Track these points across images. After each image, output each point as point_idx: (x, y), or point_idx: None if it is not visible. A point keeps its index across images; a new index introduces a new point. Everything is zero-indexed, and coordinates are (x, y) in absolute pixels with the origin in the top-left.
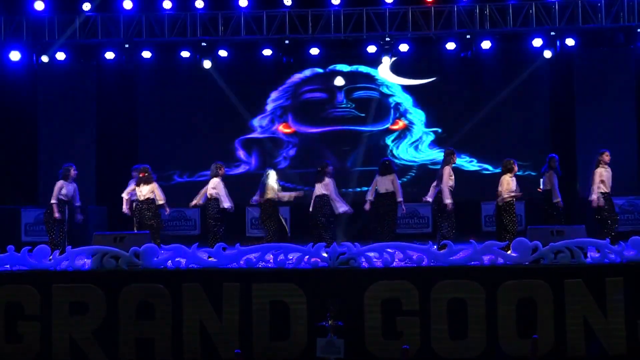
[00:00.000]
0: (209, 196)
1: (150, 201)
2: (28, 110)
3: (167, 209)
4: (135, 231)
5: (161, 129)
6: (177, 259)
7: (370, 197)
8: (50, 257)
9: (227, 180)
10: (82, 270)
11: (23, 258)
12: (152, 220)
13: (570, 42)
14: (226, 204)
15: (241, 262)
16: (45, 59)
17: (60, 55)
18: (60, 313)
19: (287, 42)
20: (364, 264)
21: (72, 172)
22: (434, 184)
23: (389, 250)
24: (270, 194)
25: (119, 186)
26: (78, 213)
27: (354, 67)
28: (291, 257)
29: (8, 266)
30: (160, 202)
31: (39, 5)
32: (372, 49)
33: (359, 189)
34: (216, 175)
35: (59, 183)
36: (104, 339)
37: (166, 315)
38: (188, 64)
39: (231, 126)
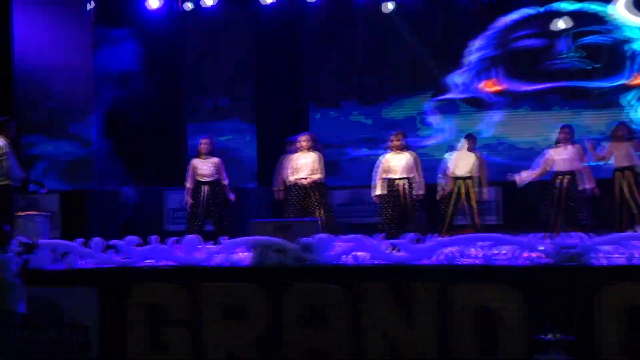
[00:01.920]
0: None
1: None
2: (172, 68)
3: None
4: (304, 218)
5: (331, 92)
6: (356, 253)
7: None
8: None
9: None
10: (239, 267)
11: (169, 251)
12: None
13: None
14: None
15: (438, 256)
16: (189, 5)
17: (208, 0)
18: (213, 318)
19: None
20: (599, 259)
21: (203, 146)
22: None
23: (635, 242)
24: None
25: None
26: (229, 192)
27: (580, 5)
28: (502, 252)
29: (151, 261)
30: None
31: None
32: None
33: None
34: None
35: (192, 162)
36: (265, 350)
37: (342, 323)
38: (363, 7)
39: (419, 85)
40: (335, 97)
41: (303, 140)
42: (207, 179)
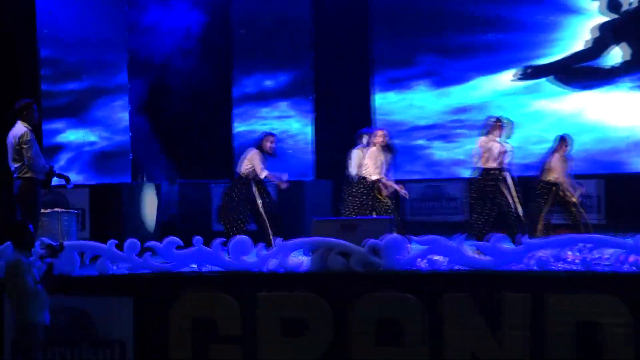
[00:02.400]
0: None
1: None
2: (218, 48)
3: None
4: (373, 216)
5: (400, 71)
6: (434, 257)
7: None
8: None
9: None
10: (298, 273)
11: (215, 255)
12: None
13: None
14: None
15: (529, 261)
16: None
17: None
18: (270, 333)
19: None
20: None
21: (269, 144)
22: None
23: None
24: None
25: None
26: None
27: None
28: (604, 256)
29: (195, 266)
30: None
31: None
32: None
33: None
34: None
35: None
36: None
37: (419, 339)
38: None
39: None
40: (405, 77)
41: (380, 135)
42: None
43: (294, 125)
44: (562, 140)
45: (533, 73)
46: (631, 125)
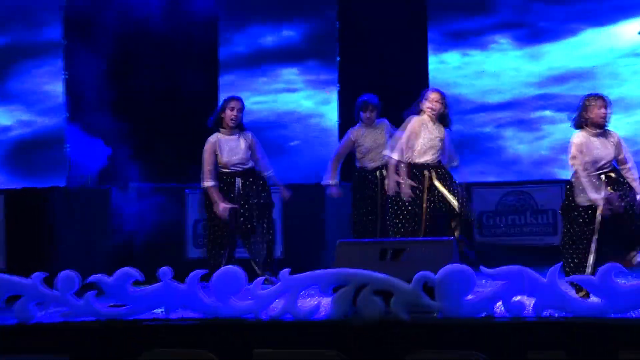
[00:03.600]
0: None
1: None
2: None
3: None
4: (429, 238)
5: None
6: (515, 299)
7: None
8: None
9: None
10: (313, 321)
11: (192, 294)
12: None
13: None
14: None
15: None
16: None
17: None
18: None
19: None
20: None
21: (229, 113)
22: None
23: None
24: None
25: None
26: (284, 189)
27: None
28: None
29: (161, 311)
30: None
31: None
32: None
33: None
34: None
35: (211, 140)
36: None
37: None
38: None
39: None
40: (475, 29)
41: (435, 99)
42: (239, 167)
43: (304, 103)
44: None
45: None
46: None
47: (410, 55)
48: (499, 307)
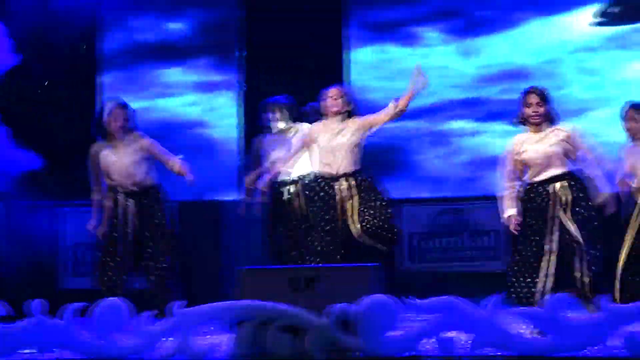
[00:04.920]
0: None
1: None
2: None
3: None
4: (344, 264)
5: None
6: (448, 334)
7: None
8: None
9: None
10: None
11: (68, 331)
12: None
13: None
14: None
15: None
16: None
17: None
18: None
19: None
20: None
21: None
22: None
23: None
24: None
25: None
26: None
27: None
28: None
29: (32, 352)
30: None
31: None
32: None
33: None
34: None
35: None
36: None
37: None
38: None
39: None
40: (401, 20)
41: (332, 95)
42: (130, 186)
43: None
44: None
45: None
46: None
47: (329, 49)
48: (429, 344)
